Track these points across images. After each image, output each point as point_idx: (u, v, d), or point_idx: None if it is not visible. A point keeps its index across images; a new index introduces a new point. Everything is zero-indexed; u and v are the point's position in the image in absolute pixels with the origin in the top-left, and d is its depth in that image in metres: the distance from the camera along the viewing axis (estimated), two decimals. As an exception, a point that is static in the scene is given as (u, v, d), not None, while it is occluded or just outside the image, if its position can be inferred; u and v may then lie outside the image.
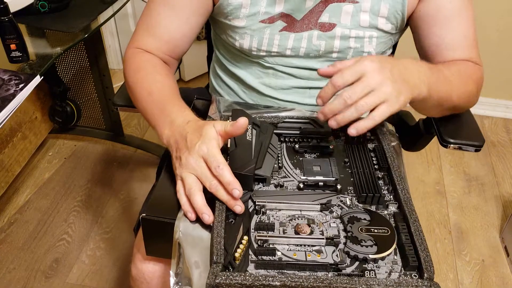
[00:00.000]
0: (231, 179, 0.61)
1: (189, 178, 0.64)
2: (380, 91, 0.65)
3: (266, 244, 0.58)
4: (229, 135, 0.65)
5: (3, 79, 1.03)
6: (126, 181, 1.81)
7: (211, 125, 0.65)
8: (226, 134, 0.65)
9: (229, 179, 0.61)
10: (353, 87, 0.64)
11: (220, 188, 0.62)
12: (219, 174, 0.62)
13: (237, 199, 0.61)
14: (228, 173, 0.61)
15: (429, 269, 0.55)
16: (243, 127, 0.63)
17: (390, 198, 0.67)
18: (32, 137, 1.75)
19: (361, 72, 0.65)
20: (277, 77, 0.89)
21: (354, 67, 0.65)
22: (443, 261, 1.56)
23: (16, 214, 1.66)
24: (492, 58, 2.04)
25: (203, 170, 0.63)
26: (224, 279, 0.52)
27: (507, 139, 2.14)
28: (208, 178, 0.63)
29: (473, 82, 0.84)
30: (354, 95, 0.64)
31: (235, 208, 0.61)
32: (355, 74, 0.65)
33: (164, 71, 0.84)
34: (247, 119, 0.63)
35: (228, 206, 0.62)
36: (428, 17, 0.83)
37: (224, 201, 0.62)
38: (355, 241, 0.58)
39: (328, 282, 0.52)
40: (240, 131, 0.63)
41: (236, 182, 0.61)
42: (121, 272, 1.48)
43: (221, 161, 0.62)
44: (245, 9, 0.81)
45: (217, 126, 0.65)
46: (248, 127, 0.71)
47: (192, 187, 0.63)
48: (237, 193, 0.60)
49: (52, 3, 1.32)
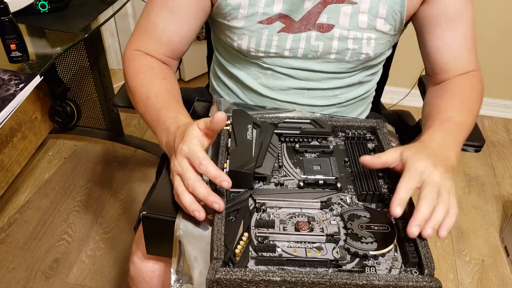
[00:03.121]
0: (217, 172, 0.61)
1: (176, 181, 0.64)
2: (445, 188, 0.63)
3: (266, 241, 0.59)
4: (211, 131, 0.65)
5: (3, 79, 1.03)
6: (126, 181, 1.81)
7: (194, 125, 0.66)
8: (208, 130, 0.65)
9: (215, 173, 0.61)
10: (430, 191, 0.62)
11: (197, 185, 0.61)
12: (204, 171, 0.61)
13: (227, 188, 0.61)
14: (212, 168, 0.61)
15: (429, 265, 0.55)
16: (221, 121, 0.62)
17: (390, 196, 0.67)
18: (32, 137, 1.75)
19: (420, 176, 0.63)
20: (276, 78, 0.90)
21: (411, 174, 0.62)
22: (443, 261, 1.56)
23: (16, 214, 1.66)
24: (492, 58, 2.04)
25: (184, 170, 0.63)
26: (224, 274, 0.52)
27: (507, 139, 2.15)
28: (185, 178, 0.63)
29: (479, 102, 0.85)
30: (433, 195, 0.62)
31: (214, 205, 0.60)
32: (417, 180, 0.63)
33: (162, 74, 0.84)
34: (224, 113, 0.62)
35: (207, 203, 0.61)
36: (432, 19, 0.84)
37: (202, 198, 0.61)
38: (355, 238, 0.58)
39: (328, 278, 0.52)
40: (218, 125, 0.63)
41: (222, 174, 0.61)
42: (121, 272, 1.48)
43: (202, 157, 0.62)
44: (244, 9, 0.81)
45: (200, 124, 0.65)
46: (248, 126, 0.72)
47: (179, 189, 0.63)
48: (226, 184, 0.60)
49: (52, 3, 1.32)
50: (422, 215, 0.59)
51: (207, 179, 0.64)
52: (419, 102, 1.00)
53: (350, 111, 0.98)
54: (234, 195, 0.65)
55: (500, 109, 2.27)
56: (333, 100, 0.93)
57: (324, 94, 0.91)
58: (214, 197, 0.61)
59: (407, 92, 2.16)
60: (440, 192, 0.62)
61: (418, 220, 0.58)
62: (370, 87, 0.98)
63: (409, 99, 2.18)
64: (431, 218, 0.59)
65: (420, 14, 0.84)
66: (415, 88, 2.11)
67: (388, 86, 1.18)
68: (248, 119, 0.74)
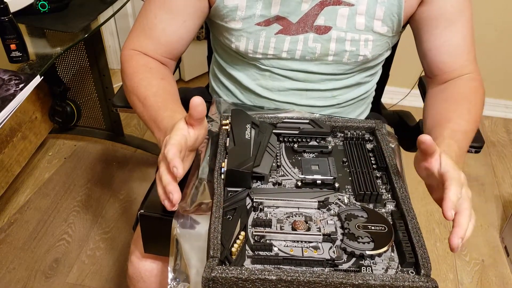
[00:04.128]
0: (172, 157, 0.59)
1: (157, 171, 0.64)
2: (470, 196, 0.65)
3: (263, 240, 0.59)
4: (192, 118, 0.64)
5: (3, 79, 1.03)
6: (126, 181, 1.82)
7: (182, 119, 0.66)
8: (190, 119, 0.65)
9: (170, 157, 0.59)
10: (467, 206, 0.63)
11: (164, 173, 0.61)
12: (165, 154, 0.60)
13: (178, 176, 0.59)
14: (171, 152, 0.60)
15: (426, 266, 0.55)
16: (198, 105, 0.62)
17: (388, 197, 0.67)
18: (32, 137, 1.75)
19: (461, 188, 0.63)
20: (274, 79, 0.90)
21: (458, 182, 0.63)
22: (443, 261, 1.56)
23: (16, 214, 1.66)
24: (491, 58, 2.04)
25: (160, 159, 0.63)
26: (220, 272, 0.52)
27: (507, 139, 2.15)
28: (160, 165, 0.62)
29: (481, 108, 0.85)
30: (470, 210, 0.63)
31: (169, 195, 0.59)
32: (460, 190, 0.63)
33: (160, 74, 0.84)
34: (201, 98, 0.62)
35: (166, 191, 0.60)
36: (430, 20, 0.83)
37: (164, 185, 0.60)
38: (352, 238, 0.58)
39: (324, 277, 0.52)
40: (197, 110, 0.63)
41: (177, 160, 0.59)
42: (121, 272, 1.48)
43: (171, 142, 0.61)
44: (241, 11, 0.81)
45: (186, 117, 0.66)
46: (247, 126, 0.72)
47: (156, 178, 0.64)
48: (175, 170, 0.58)
49: (52, 3, 1.32)
50: (464, 228, 0.59)
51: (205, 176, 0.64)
52: (419, 102, 1.00)
53: (349, 112, 0.98)
54: (231, 194, 0.65)
55: (500, 109, 2.27)
56: (332, 101, 0.93)
57: (322, 95, 0.92)
58: (173, 187, 0.59)
59: (407, 92, 2.16)
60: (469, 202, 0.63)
61: (462, 232, 0.59)
62: (369, 87, 0.98)
63: (409, 99, 2.18)
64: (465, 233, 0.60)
65: (418, 15, 0.84)
66: (415, 88, 2.11)
67: (388, 86, 1.18)
68: (247, 118, 0.74)
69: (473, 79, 0.87)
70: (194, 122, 0.65)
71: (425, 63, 0.90)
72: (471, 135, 0.79)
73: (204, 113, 0.64)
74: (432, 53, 0.87)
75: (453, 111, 0.81)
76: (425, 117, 0.87)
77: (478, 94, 0.85)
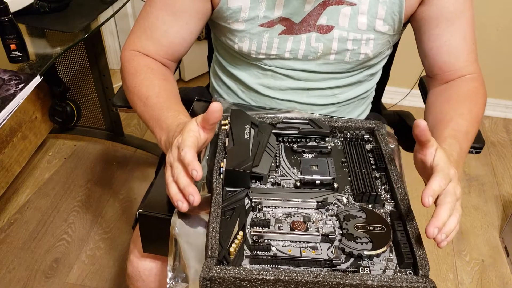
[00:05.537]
0: (191, 160, 0.59)
1: (167, 172, 0.64)
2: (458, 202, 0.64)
3: (261, 240, 0.59)
4: (207, 122, 0.64)
5: (3, 79, 1.03)
6: (126, 181, 1.82)
7: (193, 120, 0.66)
8: (204, 122, 0.64)
9: (189, 160, 0.59)
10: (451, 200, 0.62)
11: (181, 175, 0.61)
12: (182, 157, 0.61)
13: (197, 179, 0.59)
14: (189, 155, 0.60)
15: (424, 266, 0.55)
16: (216, 111, 0.62)
17: (387, 197, 0.67)
18: (32, 137, 1.75)
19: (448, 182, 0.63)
20: (276, 78, 0.90)
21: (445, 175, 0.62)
22: (443, 261, 1.56)
23: (16, 214, 1.66)
24: (491, 57, 2.04)
25: (173, 160, 0.63)
26: (218, 272, 0.52)
27: (507, 139, 2.14)
28: (174, 167, 0.62)
29: (483, 108, 0.85)
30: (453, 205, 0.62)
31: (189, 197, 0.60)
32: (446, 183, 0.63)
33: (162, 74, 0.84)
34: (220, 103, 0.62)
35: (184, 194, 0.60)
36: (430, 19, 0.83)
37: (181, 188, 0.60)
38: (351, 238, 0.58)
39: (322, 277, 0.52)
40: (214, 115, 0.62)
41: (195, 163, 0.59)
42: (121, 272, 1.48)
43: (187, 144, 0.61)
44: (245, 13, 0.81)
45: (197, 119, 0.65)
46: (246, 126, 0.72)
47: (168, 179, 0.63)
48: (195, 173, 0.59)
49: (52, 3, 1.32)
50: (442, 219, 0.58)
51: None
52: (420, 102, 1.00)
53: (349, 111, 0.98)
54: (230, 194, 0.65)
55: (500, 109, 2.27)
56: (332, 99, 0.93)
57: (323, 94, 0.92)
58: (192, 189, 0.60)
59: (407, 92, 2.16)
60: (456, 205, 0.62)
61: (440, 222, 0.57)
62: (370, 87, 0.98)
63: (409, 99, 2.18)
64: (445, 225, 0.59)
65: (419, 15, 0.84)
66: (415, 88, 2.11)
67: (388, 86, 1.18)
68: (246, 118, 0.74)
69: (475, 79, 0.87)
70: (208, 125, 0.65)
71: (426, 63, 0.90)
72: (472, 136, 0.79)
73: (220, 119, 0.64)
74: (433, 53, 0.87)
75: (454, 111, 0.81)
76: (427, 117, 0.87)
77: (480, 95, 0.85)
